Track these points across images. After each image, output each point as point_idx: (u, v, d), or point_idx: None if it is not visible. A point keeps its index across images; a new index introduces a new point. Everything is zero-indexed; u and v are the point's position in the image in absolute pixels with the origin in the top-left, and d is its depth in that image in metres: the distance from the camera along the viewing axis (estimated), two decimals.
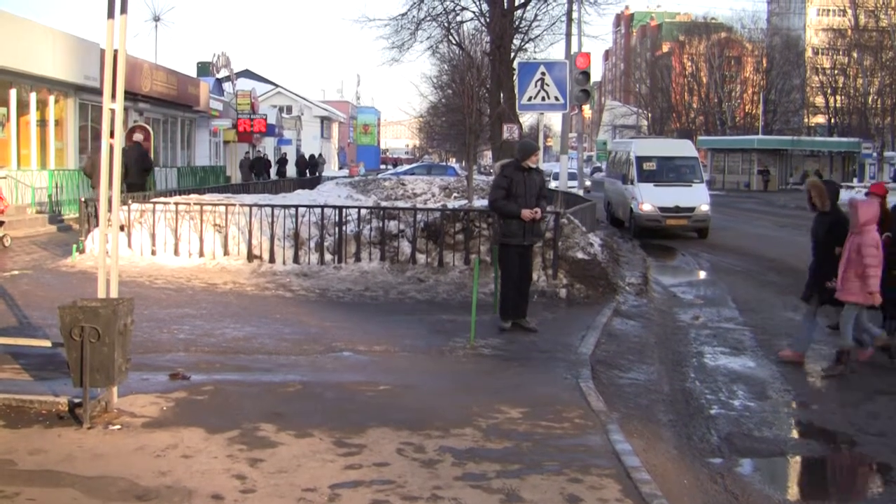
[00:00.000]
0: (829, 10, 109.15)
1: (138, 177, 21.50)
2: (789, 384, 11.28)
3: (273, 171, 51.36)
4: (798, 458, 8.68)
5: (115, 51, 8.34)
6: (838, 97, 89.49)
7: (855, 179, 74.27)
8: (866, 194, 13.46)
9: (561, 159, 38.01)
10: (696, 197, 30.49)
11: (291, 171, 59.47)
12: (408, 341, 11.87)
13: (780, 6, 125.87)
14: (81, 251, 17.62)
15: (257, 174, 40.41)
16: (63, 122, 31.29)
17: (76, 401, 7.96)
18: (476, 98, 28.48)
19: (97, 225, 14.85)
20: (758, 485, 7.90)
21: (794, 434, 9.54)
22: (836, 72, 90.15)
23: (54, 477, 6.69)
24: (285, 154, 59.75)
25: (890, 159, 75.59)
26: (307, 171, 59.89)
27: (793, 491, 8.09)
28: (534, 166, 12.76)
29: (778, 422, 9.80)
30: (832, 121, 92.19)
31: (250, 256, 17.27)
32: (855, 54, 78.05)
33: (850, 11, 76.77)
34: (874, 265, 11.42)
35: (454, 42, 32.93)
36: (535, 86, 21.49)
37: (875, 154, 71.51)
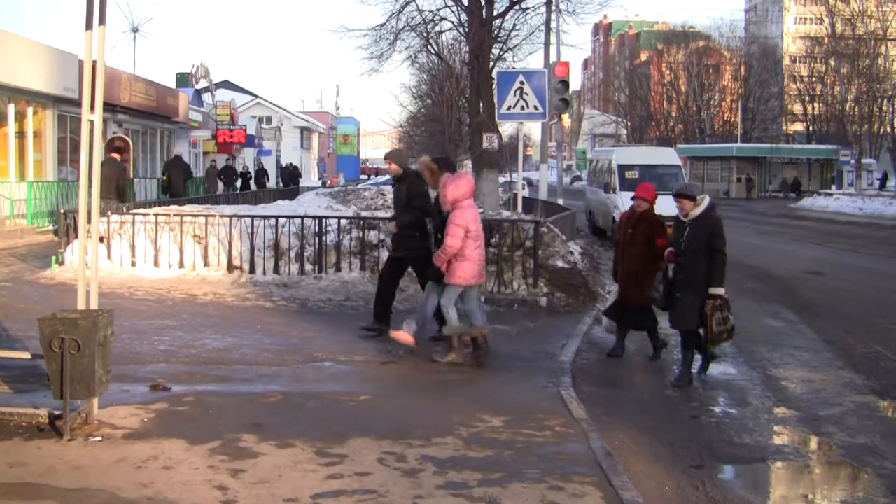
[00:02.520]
0: (806, 19, 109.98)
1: (109, 191, 21.38)
2: (769, 390, 11.32)
3: (242, 182, 49.85)
4: (779, 464, 8.70)
5: (94, 62, 8.32)
6: (816, 105, 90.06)
7: (833, 186, 74.70)
8: (633, 199, 13.10)
9: (541, 168, 38.08)
10: None
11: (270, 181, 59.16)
12: (388, 351, 11.86)
13: (757, 15, 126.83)
14: (61, 263, 17.55)
15: (227, 184, 40.05)
16: (41, 133, 31.18)
17: (56, 413, 7.92)
18: (455, 107, 28.57)
19: (76, 236, 14.80)
20: (739, 491, 7.93)
21: (775, 440, 9.57)
22: (813, 79, 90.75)
23: (34, 490, 6.66)
24: (262, 165, 59.47)
25: (868, 166, 75.96)
26: (291, 181, 59.83)
27: (774, 496, 8.11)
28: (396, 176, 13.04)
29: (758, 428, 9.82)
30: (810, 128, 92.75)
31: (230, 267, 17.24)
32: (832, 62, 78.49)
33: (826, 20, 77.15)
34: (452, 245, 11.04)
35: (433, 52, 32.96)
36: (514, 95, 21.51)
37: (853, 161, 71.89)
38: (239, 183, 45.52)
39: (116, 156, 22.83)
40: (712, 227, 11.45)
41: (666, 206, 29.80)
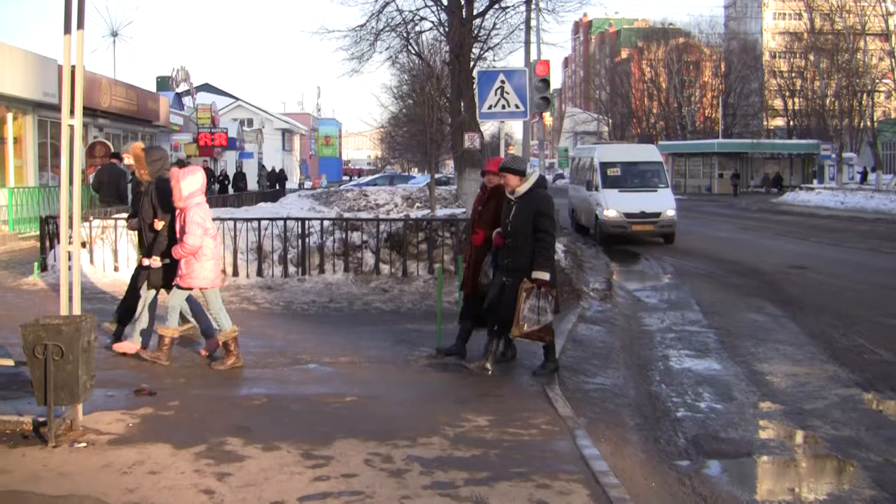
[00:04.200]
0: (785, 14, 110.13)
1: (109, 195, 21.98)
2: (754, 385, 11.34)
3: (220, 186, 49.40)
4: (765, 458, 8.72)
5: (73, 67, 8.29)
6: (796, 100, 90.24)
7: (815, 181, 74.96)
8: (483, 174, 11.73)
9: None
10: (662, 202, 30.45)
11: (249, 185, 58.96)
12: (373, 352, 11.86)
13: (736, 11, 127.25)
14: (43, 269, 17.49)
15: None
16: (22, 139, 31.07)
17: (41, 419, 7.89)
18: (436, 107, 28.53)
19: (58, 242, 14.76)
20: (725, 486, 7.94)
21: (761, 434, 9.59)
22: (793, 75, 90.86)
23: (19, 497, 6.63)
24: (241, 168, 59.30)
25: (848, 160, 76.20)
26: (276, 184, 59.77)
27: (761, 491, 8.12)
28: None
29: (744, 423, 9.85)
30: (791, 123, 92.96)
31: None
32: (812, 57, 78.61)
33: (805, 15, 77.37)
34: (192, 244, 10.44)
35: (413, 52, 32.93)
36: (495, 94, 21.48)
37: (834, 155, 72.06)
38: (216, 187, 45.41)
39: (116, 161, 23.36)
40: (537, 205, 10.56)
41: (650, 202, 30.06)
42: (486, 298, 10.88)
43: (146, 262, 11.18)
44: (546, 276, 10.41)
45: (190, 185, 10.44)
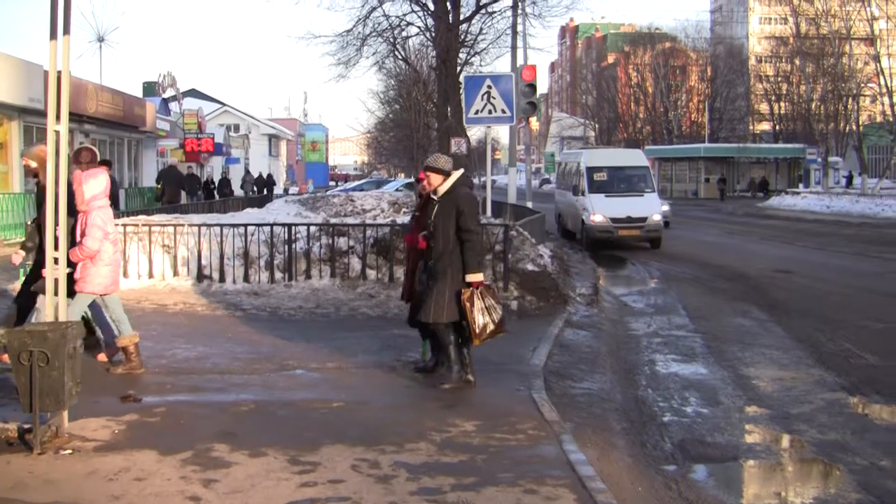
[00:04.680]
0: (770, 19, 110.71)
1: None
2: (740, 389, 11.38)
3: (205, 192, 48.37)
4: (751, 463, 8.74)
5: (59, 72, 8.27)
6: (782, 104, 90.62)
7: (801, 185, 75.15)
8: (417, 180, 11.44)
9: (509, 172, 38.13)
10: (649, 207, 30.51)
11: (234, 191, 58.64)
12: (360, 357, 11.85)
13: (723, 15, 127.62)
14: None
15: (190, 192, 39.61)
16: (7, 145, 30.96)
17: (26, 426, 7.86)
18: (423, 112, 28.58)
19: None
20: (712, 490, 7.97)
21: (747, 438, 9.62)
22: (779, 79, 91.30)
23: None
24: (226, 174, 58.97)
25: (834, 164, 76.48)
26: (265, 189, 59.64)
27: (747, 495, 8.14)
28: None
29: (730, 427, 9.87)
30: (777, 127, 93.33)
31: (200, 276, 17.18)
32: (797, 61, 78.90)
33: (791, 20, 77.56)
34: (91, 248, 10.12)
35: (400, 57, 33.04)
36: (482, 99, 21.56)
37: (819, 159, 72.30)
38: (202, 193, 45.22)
39: (106, 168, 23.68)
40: (458, 204, 10.18)
41: (637, 207, 30.09)
42: (423, 308, 10.52)
43: (15, 258, 11.13)
44: (480, 276, 10.18)
45: (93, 187, 10.20)
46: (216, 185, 46.84)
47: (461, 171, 10.50)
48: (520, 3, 31.27)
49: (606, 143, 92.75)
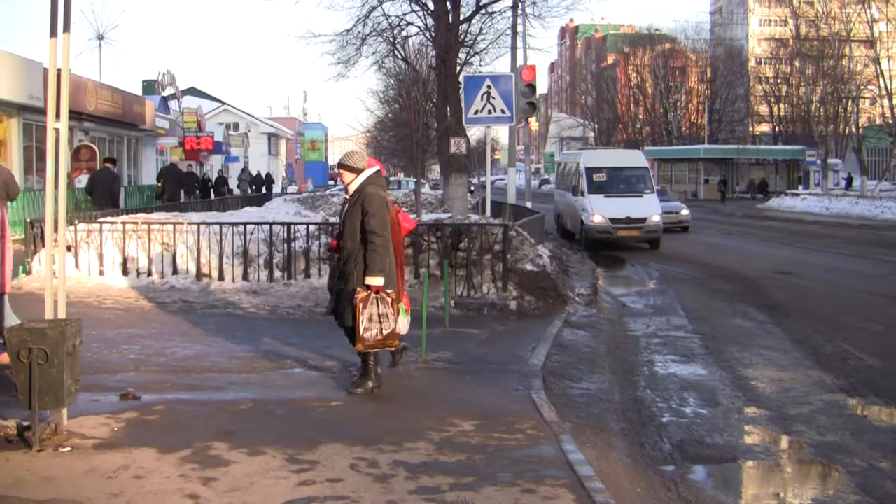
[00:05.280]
0: (770, 21, 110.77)
1: (104, 198, 23.63)
2: (739, 390, 11.38)
3: (202, 190, 47.87)
4: (750, 464, 8.74)
5: (59, 70, 8.27)
6: (782, 106, 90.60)
7: (800, 186, 75.14)
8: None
9: (509, 172, 38.16)
10: (648, 207, 30.54)
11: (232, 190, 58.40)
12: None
13: (722, 17, 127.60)
14: (28, 272, 17.42)
15: (188, 191, 39.48)
16: (7, 142, 30.94)
17: (25, 424, 7.85)
18: (423, 112, 28.55)
19: (44, 245, 14.71)
20: (711, 491, 7.97)
21: (746, 439, 9.62)
22: (779, 81, 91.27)
23: (3, 502, 6.59)
24: (223, 173, 58.83)
25: (834, 166, 76.46)
26: (263, 188, 59.50)
27: (746, 496, 8.15)
28: None
29: (729, 428, 9.87)
30: (776, 129, 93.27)
31: (199, 275, 17.16)
32: (797, 63, 78.94)
33: (791, 21, 77.61)
34: None
35: (400, 57, 32.95)
36: (482, 99, 21.54)
37: (819, 161, 72.30)
38: (199, 192, 45.11)
39: (110, 165, 24.17)
40: (363, 203, 9.79)
41: (636, 207, 30.11)
42: (327, 307, 10.42)
43: None
44: (379, 280, 9.66)
45: None
46: (213, 183, 46.74)
47: (374, 168, 10.10)
48: (520, 4, 31.25)
49: (606, 144, 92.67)
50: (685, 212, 38.53)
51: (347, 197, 10.17)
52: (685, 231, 37.31)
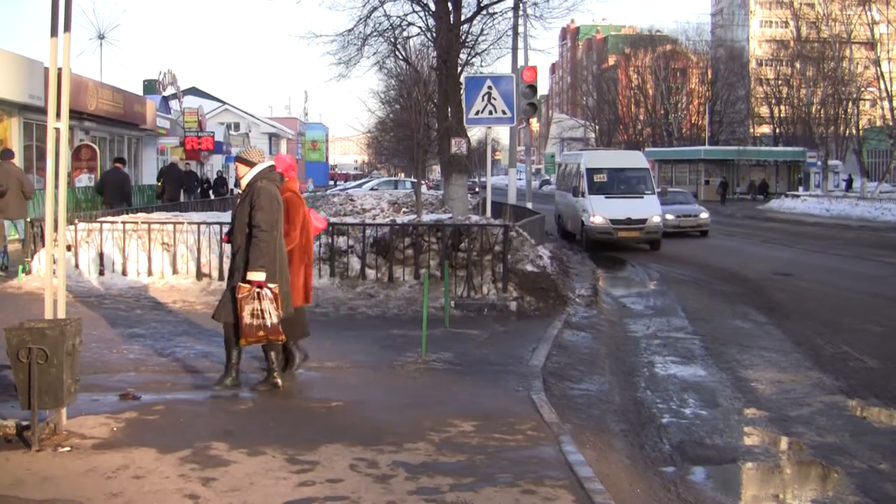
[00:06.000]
0: (771, 22, 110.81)
1: (113, 197, 24.37)
2: (739, 392, 11.38)
3: (201, 190, 47.36)
4: (749, 465, 8.74)
5: (60, 69, 8.27)
6: (782, 107, 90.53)
7: (801, 188, 75.16)
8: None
9: (509, 172, 38.14)
10: (648, 208, 30.57)
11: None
12: (359, 357, 11.85)
13: (723, 18, 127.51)
14: (28, 272, 17.42)
15: (188, 190, 39.38)
16: (7, 141, 30.85)
17: (24, 423, 7.86)
18: (423, 113, 28.53)
19: (43, 245, 14.72)
20: (710, 492, 7.97)
21: (745, 441, 9.62)
22: (779, 82, 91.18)
23: (2, 502, 6.59)
24: (222, 173, 58.66)
25: (834, 168, 76.45)
26: None
27: (745, 497, 8.15)
28: None
29: (729, 429, 9.87)
30: (777, 130, 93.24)
31: (199, 275, 17.17)
32: (798, 65, 78.92)
33: (792, 23, 77.64)
34: None
35: (401, 57, 32.95)
36: (483, 100, 21.54)
37: (819, 163, 72.32)
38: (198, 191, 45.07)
39: (120, 165, 24.59)
40: (252, 198, 9.65)
41: (636, 208, 30.15)
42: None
43: None
44: (261, 275, 9.48)
45: None
46: (211, 183, 46.52)
47: (267, 164, 9.98)
48: (521, 5, 31.26)
49: (606, 145, 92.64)
50: (704, 215, 37.46)
51: (238, 191, 10.01)
52: (704, 236, 36.61)
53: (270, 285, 9.54)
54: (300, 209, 10.54)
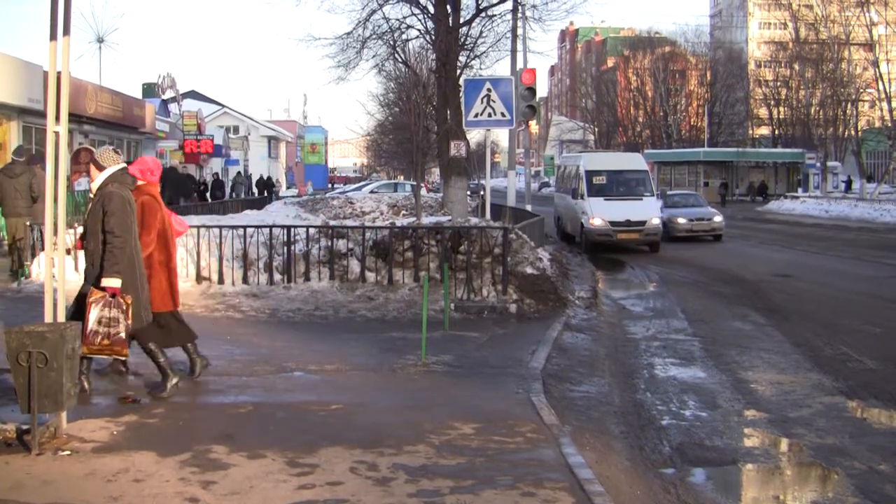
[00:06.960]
0: (770, 24, 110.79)
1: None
2: (739, 393, 11.37)
3: (198, 194, 47.01)
4: (749, 466, 8.73)
5: (59, 73, 8.27)
6: (781, 109, 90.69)
7: (800, 189, 75.21)
8: None
9: (509, 175, 38.18)
10: (647, 210, 30.59)
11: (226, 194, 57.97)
12: (359, 360, 11.84)
13: (722, 20, 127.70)
14: (27, 276, 17.42)
15: (185, 194, 39.31)
16: (6, 145, 30.89)
17: (24, 427, 7.85)
18: (423, 115, 28.51)
19: (43, 249, 14.71)
20: (710, 494, 7.96)
21: (745, 442, 9.61)
22: (778, 84, 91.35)
23: None
24: (219, 176, 58.45)
25: (833, 169, 76.56)
26: (264, 191, 59.44)
27: (745, 499, 8.14)
28: None
29: (729, 431, 9.87)
30: (776, 132, 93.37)
31: (199, 278, 17.15)
32: (796, 66, 79.11)
33: (790, 25, 77.80)
34: None
35: (400, 60, 32.94)
36: (482, 102, 21.56)
37: (818, 164, 72.42)
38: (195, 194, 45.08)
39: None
40: (102, 203, 9.20)
41: (635, 210, 30.16)
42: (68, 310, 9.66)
43: None
44: (115, 282, 9.04)
45: None
46: (208, 187, 46.41)
47: (119, 167, 9.49)
48: (520, 7, 31.29)
49: (606, 147, 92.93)
50: (718, 218, 36.32)
51: (91, 195, 9.62)
52: (718, 240, 35.70)
53: (126, 295, 9.14)
54: (157, 213, 10.23)
